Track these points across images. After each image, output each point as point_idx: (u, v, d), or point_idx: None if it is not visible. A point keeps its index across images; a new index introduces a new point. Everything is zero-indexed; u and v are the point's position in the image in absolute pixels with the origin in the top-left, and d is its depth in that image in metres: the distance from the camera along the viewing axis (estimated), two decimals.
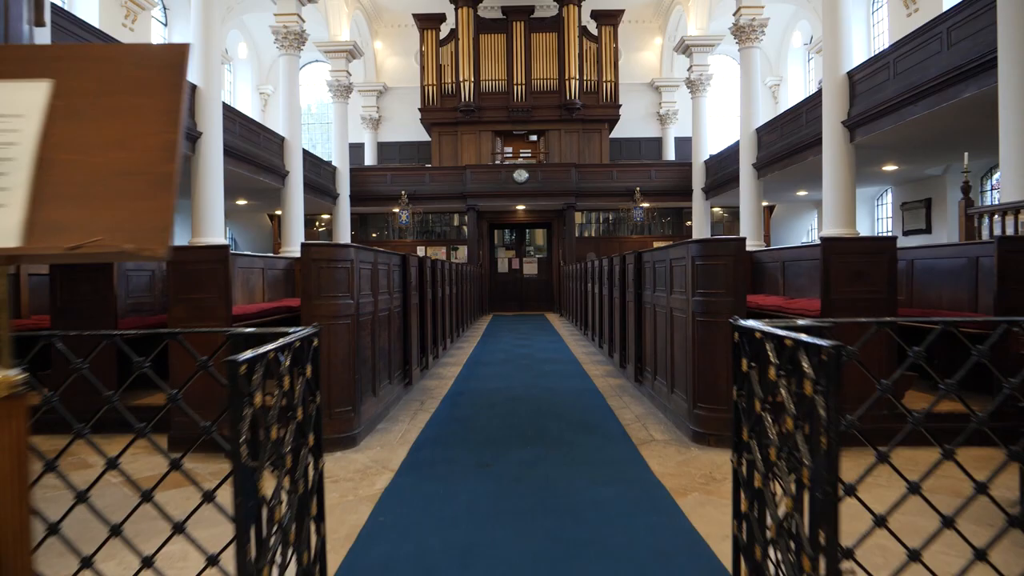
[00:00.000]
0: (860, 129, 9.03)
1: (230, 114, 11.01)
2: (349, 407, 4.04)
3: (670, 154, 20.61)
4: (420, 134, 20.20)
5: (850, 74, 9.26)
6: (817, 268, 4.92)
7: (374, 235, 18.68)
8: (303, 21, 13.20)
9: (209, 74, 9.54)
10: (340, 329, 4.01)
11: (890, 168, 11.54)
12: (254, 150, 11.66)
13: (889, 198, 14.53)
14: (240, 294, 5.12)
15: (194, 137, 9.38)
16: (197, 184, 9.50)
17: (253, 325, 4.48)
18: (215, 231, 9.58)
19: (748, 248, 13.32)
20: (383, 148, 21.17)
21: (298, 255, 13.40)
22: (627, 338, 6.37)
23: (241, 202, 15.28)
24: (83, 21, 8.24)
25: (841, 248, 3.91)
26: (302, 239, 13.46)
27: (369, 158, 20.93)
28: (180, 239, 15.17)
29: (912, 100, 7.79)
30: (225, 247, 3.96)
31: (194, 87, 9.44)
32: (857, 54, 15.59)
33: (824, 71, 9.61)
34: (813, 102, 10.64)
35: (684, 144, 20.53)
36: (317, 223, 19.02)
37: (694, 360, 4.04)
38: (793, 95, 19.54)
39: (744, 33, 12.88)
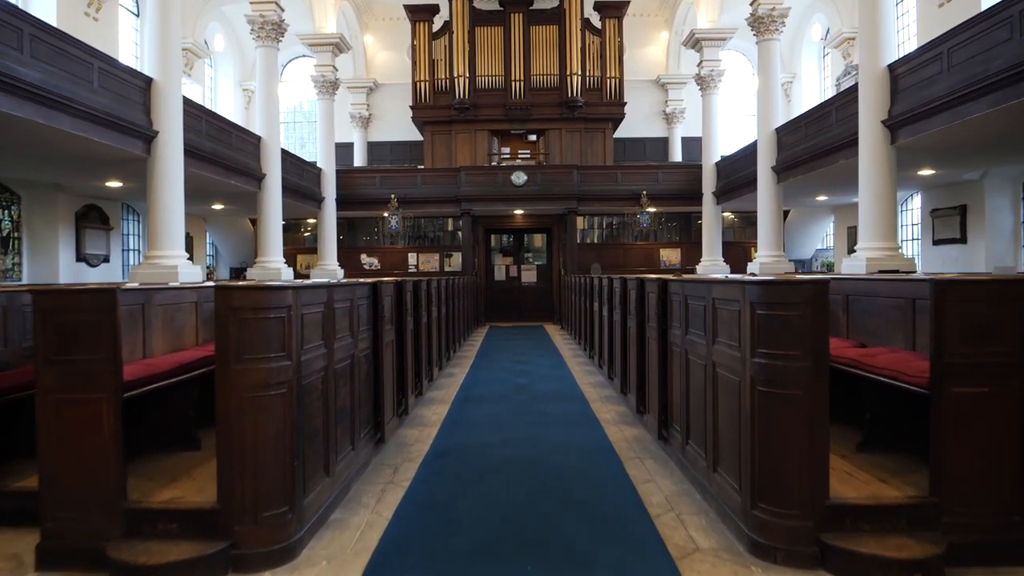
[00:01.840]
0: (904, 130, 7.97)
1: (196, 111, 9.91)
2: (284, 507, 2.96)
3: (677, 155, 19.55)
4: (413, 133, 19.12)
5: (891, 67, 8.20)
6: (900, 308, 3.86)
7: (365, 239, 17.61)
8: (281, 10, 12.11)
9: (167, 66, 8.45)
10: (270, 403, 2.93)
11: (926, 172, 10.48)
12: (225, 151, 10.57)
13: (917, 203, 13.47)
14: (160, 339, 4.03)
15: (149, 137, 8.29)
16: (153, 190, 8.42)
17: (158, 389, 3.39)
18: (173, 242, 8.49)
19: (768, 259, 12.29)
20: (373, 148, 20.08)
21: (279, 265, 12.31)
22: (647, 381, 5.30)
23: (217, 206, 14.18)
24: (22, 11, 7.16)
25: (961, 293, 2.84)
26: (281, 248, 12.37)
27: (359, 159, 19.84)
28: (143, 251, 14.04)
29: (972, 96, 6.72)
30: (111, 291, 2.88)
31: (149, 80, 8.35)
32: None
33: (861, 64, 8.54)
34: (845, 99, 9.57)
35: (691, 144, 19.49)
36: (303, 228, 17.93)
37: (754, 443, 2.96)
38: (807, 92, 18.51)
39: (763, 24, 11.82)
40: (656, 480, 4.09)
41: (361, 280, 4.52)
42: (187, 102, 9.49)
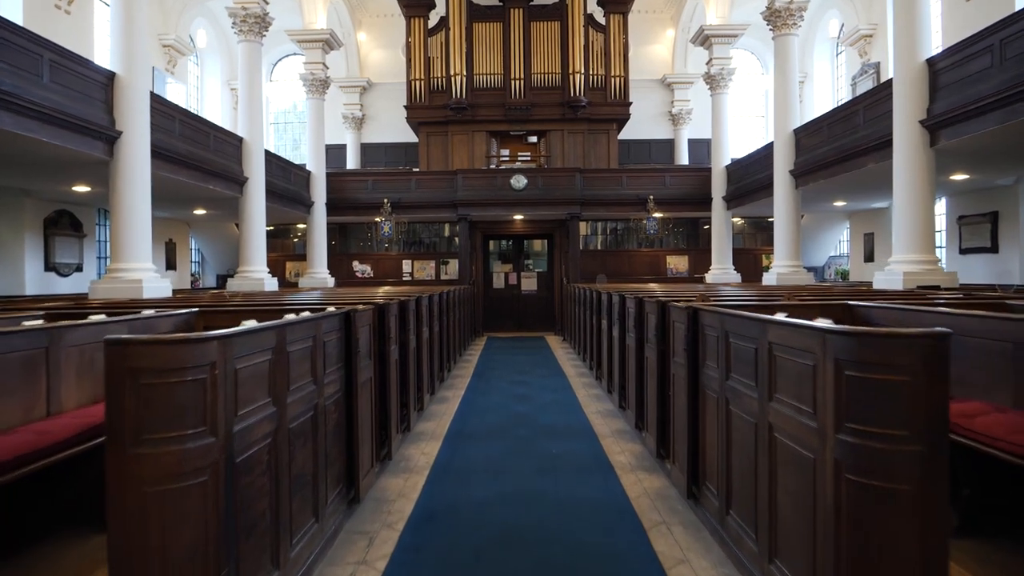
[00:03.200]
0: (946, 131, 7.21)
1: (168, 110, 9.13)
2: None
3: (683, 157, 18.80)
4: (408, 135, 18.34)
5: (930, 62, 7.44)
6: (1003, 354, 3.07)
7: (359, 245, 16.83)
8: (266, 3, 11.34)
9: (132, 59, 7.67)
10: (185, 498, 2.15)
11: (958, 177, 9.72)
12: (201, 153, 9.78)
13: (942, 209, 12.71)
14: (72, 391, 3.24)
15: (112, 138, 7.51)
16: (116, 196, 7.64)
17: (24, 474, 2.58)
18: (139, 254, 7.71)
19: (785, 269, 11.51)
20: (367, 150, 19.31)
21: (262, 275, 11.51)
22: (671, 423, 4.52)
23: (199, 212, 13.40)
24: None
25: None
26: (264, 256, 11.59)
27: (352, 161, 19.08)
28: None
29: None
30: None
31: (111, 76, 7.57)
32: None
33: (895, 59, 7.78)
34: (875, 97, 8.82)
35: (698, 146, 18.77)
36: (292, 233, 17.16)
37: (839, 548, 2.19)
38: (820, 93, 17.78)
39: (780, 19, 11.07)
40: (690, 560, 3.31)
41: (330, 310, 3.75)
42: (158, 100, 8.74)
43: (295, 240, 17.11)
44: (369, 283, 15.87)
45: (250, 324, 2.64)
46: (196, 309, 4.27)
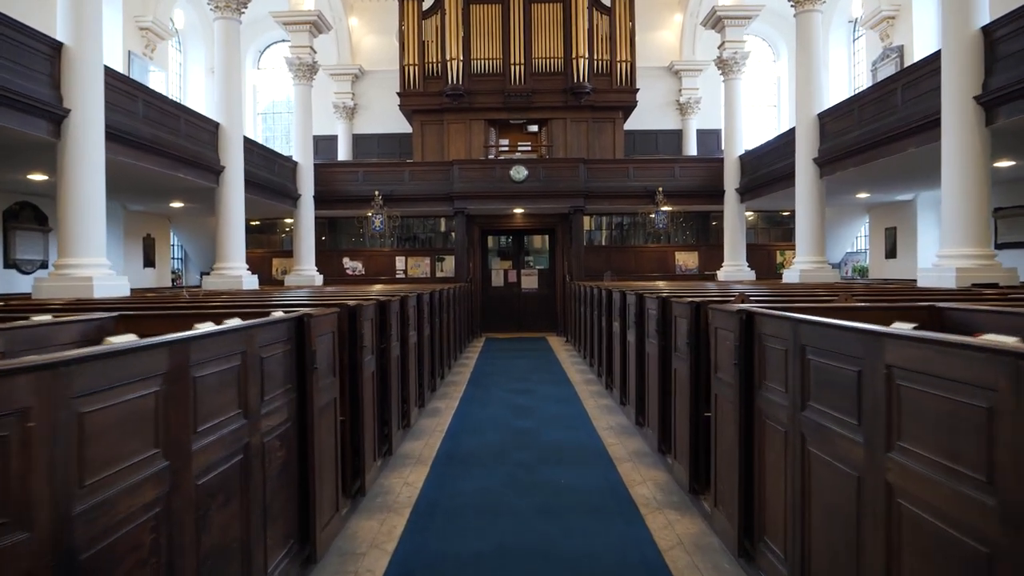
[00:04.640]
0: (1006, 107, 6.34)
1: (130, 88, 8.25)
2: None
3: (691, 148, 17.92)
4: (402, 125, 17.43)
5: (986, 30, 6.57)
6: None
7: (351, 240, 15.89)
8: None
9: (82, 28, 6.79)
10: None
11: (1002, 164, 8.86)
12: (170, 138, 8.89)
13: None
14: None
15: (58, 117, 6.62)
16: (64, 182, 6.76)
17: None
18: (90, 248, 6.84)
19: (809, 266, 10.59)
20: (359, 141, 18.41)
21: (241, 272, 10.60)
22: (712, 455, 3.65)
23: (176, 204, 12.51)
24: None
25: None
26: (243, 252, 10.70)
27: (343, 152, 18.18)
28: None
29: None
30: None
31: (58, 46, 6.69)
32: (922, 29, 12.96)
33: (943, 28, 6.91)
34: (916, 74, 7.94)
35: (707, 137, 17.92)
36: (280, 228, 16.26)
37: None
38: (836, 80, 16.87)
39: None
40: None
41: (275, 315, 2.88)
42: (116, 76, 7.87)
43: (283, 236, 16.21)
44: (361, 281, 14.98)
45: (121, 341, 1.76)
46: (115, 314, 3.38)
